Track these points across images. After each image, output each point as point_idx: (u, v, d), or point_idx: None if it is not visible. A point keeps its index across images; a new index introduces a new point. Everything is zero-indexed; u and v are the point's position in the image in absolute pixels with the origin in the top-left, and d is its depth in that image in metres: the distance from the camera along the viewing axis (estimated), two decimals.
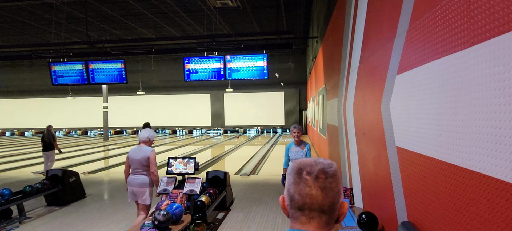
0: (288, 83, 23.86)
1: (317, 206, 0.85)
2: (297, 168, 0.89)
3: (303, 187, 0.86)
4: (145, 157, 4.21)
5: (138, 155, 4.24)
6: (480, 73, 1.41)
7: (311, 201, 0.85)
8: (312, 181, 0.85)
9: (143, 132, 4.42)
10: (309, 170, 0.87)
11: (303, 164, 0.89)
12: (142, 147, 4.29)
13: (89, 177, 9.04)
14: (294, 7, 13.85)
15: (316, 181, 0.85)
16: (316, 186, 0.85)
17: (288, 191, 0.89)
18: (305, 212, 0.86)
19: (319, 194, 0.85)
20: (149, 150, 4.26)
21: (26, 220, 5.35)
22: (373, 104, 3.24)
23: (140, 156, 4.23)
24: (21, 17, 14.31)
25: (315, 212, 0.85)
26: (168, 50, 15.53)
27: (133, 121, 26.87)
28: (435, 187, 1.87)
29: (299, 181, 0.87)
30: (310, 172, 0.86)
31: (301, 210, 0.86)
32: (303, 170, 0.87)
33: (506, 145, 1.26)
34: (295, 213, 0.87)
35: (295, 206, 0.87)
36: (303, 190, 0.85)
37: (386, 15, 2.81)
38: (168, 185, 4.37)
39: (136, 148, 4.35)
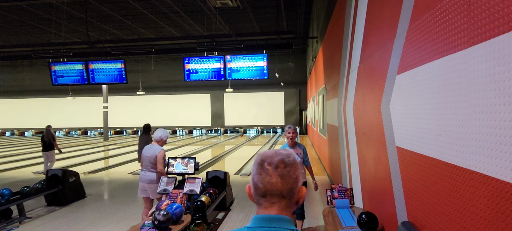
0: (288, 83, 23.86)
1: (277, 192, 0.96)
2: (260, 159, 1.00)
3: (265, 176, 0.96)
4: (154, 155, 4.44)
5: (149, 153, 4.49)
6: (480, 73, 1.41)
7: (272, 188, 0.96)
8: (272, 170, 0.96)
9: (157, 131, 4.63)
10: (269, 161, 0.98)
11: (264, 156, 1.00)
12: (154, 146, 4.54)
13: (89, 177, 9.03)
14: (294, 7, 13.85)
15: (276, 170, 0.97)
16: (276, 174, 0.96)
17: (252, 180, 1.00)
18: (267, 197, 0.97)
19: (278, 181, 0.96)
20: (158, 149, 4.48)
21: (26, 220, 5.35)
22: (373, 104, 3.24)
23: (150, 153, 4.47)
24: (21, 17, 14.30)
25: (276, 197, 0.96)
26: (168, 50, 15.52)
27: (133, 121, 26.87)
28: (435, 187, 1.87)
29: (261, 171, 0.98)
30: (271, 163, 0.97)
31: (263, 197, 0.97)
32: (264, 161, 0.98)
33: (506, 145, 1.26)
34: (259, 199, 0.98)
35: (258, 193, 0.98)
36: (264, 179, 0.96)
37: (386, 15, 2.81)
38: (168, 185, 4.37)
39: (149, 146, 4.61)
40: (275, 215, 0.96)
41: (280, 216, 0.96)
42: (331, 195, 3.86)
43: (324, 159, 9.51)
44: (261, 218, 0.97)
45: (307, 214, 5.30)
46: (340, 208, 3.71)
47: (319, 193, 6.69)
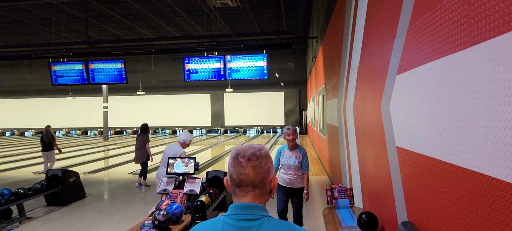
0: (288, 83, 23.86)
1: (250, 182, 1.05)
2: (235, 153, 1.10)
3: (239, 168, 1.06)
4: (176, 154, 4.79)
5: (170, 152, 4.82)
6: (480, 73, 1.41)
7: (245, 178, 1.05)
8: (245, 162, 1.06)
9: (181, 134, 5.01)
10: (243, 154, 1.07)
11: (239, 150, 1.10)
12: (177, 146, 4.91)
13: (89, 177, 9.04)
14: (294, 7, 13.85)
15: (249, 162, 1.06)
16: (249, 166, 1.06)
17: (228, 172, 1.10)
18: (241, 187, 1.06)
19: (251, 173, 1.05)
20: (180, 151, 4.85)
21: (26, 220, 5.35)
22: (373, 104, 3.24)
23: (171, 153, 4.80)
24: (21, 17, 14.31)
25: (249, 187, 1.06)
26: (168, 50, 15.52)
27: (133, 121, 26.87)
28: (435, 187, 1.87)
29: (236, 164, 1.07)
30: (244, 155, 1.07)
31: (238, 187, 1.07)
32: (238, 155, 1.08)
33: (506, 145, 1.26)
34: (235, 189, 1.08)
35: (234, 183, 1.08)
36: (238, 170, 1.06)
37: (386, 15, 2.81)
38: (168, 185, 4.37)
39: (172, 145, 4.98)
40: (249, 202, 1.05)
41: (254, 204, 1.05)
42: (331, 195, 3.86)
43: (324, 159, 9.51)
44: (237, 206, 1.06)
45: (307, 214, 5.30)
46: (340, 208, 3.71)
47: (319, 193, 6.68)
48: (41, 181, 6.19)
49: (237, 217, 1.03)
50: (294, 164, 3.98)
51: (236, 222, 1.02)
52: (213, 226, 1.05)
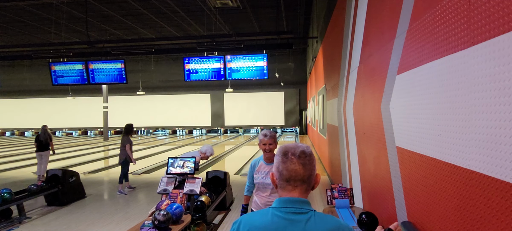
0: (288, 83, 23.86)
1: (299, 178, 1.15)
2: (284, 150, 1.19)
3: (289, 164, 1.15)
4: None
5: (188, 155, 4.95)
6: (480, 73, 1.41)
7: (295, 174, 1.15)
8: (296, 159, 1.16)
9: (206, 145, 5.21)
10: (293, 151, 1.17)
11: (288, 148, 1.19)
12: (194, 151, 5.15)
13: (89, 177, 9.03)
14: (294, 7, 13.85)
15: (299, 159, 1.16)
16: (299, 162, 1.15)
17: (277, 168, 1.19)
18: (290, 182, 1.15)
19: (300, 168, 1.15)
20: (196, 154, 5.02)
21: (26, 220, 5.35)
22: (373, 104, 3.24)
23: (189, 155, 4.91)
24: (21, 17, 14.31)
25: (298, 182, 1.15)
26: (168, 50, 15.52)
27: (133, 121, 26.71)
28: (435, 187, 1.87)
29: (286, 160, 1.16)
30: (294, 153, 1.17)
31: (288, 182, 1.16)
32: (288, 152, 1.18)
33: (506, 145, 1.26)
34: (283, 184, 1.17)
35: (283, 178, 1.16)
36: (289, 166, 1.15)
37: (386, 15, 2.81)
38: (168, 185, 4.37)
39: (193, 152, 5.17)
40: (297, 197, 1.15)
41: (302, 199, 1.15)
42: (331, 195, 3.86)
43: (324, 159, 9.51)
44: (286, 200, 1.14)
45: None
46: (340, 208, 3.71)
47: (319, 193, 6.68)
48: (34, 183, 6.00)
49: (287, 210, 1.11)
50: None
51: (285, 215, 1.11)
52: (262, 218, 1.14)
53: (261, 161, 2.90)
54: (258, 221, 1.13)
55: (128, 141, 7.22)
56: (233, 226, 1.19)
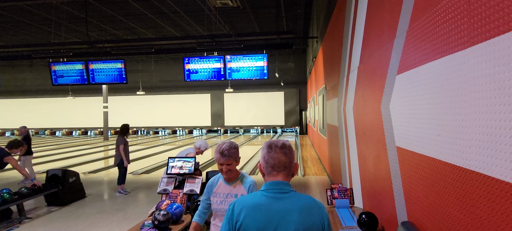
0: (288, 83, 23.86)
1: (282, 164, 1.44)
2: (268, 144, 1.49)
3: (274, 154, 1.45)
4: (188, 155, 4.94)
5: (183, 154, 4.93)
6: (480, 73, 1.41)
7: (279, 162, 1.44)
8: (279, 149, 1.46)
9: (200, 140, 5.10)
10: (275, 144, 1.48)
11: (271, 142, 1.50)
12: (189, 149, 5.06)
13: (89, 177, 9.03)
14: (294, 7, 13.85)
15: (281, 150, 1.46)
16: (281, 152, 1.45)
17: (264, 158, 1.47)
18: (275, 168, 1.44)
19: (283, 157, 1.45)
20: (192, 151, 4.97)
21: (26, 220, 5.35)
22: (373, 104, 3.24)
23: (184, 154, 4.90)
24: (21, 17, 14.30)
25: (281, 168, 1.44)
26: (168, 50, 15.52)
27: (133, 121, 26.84)
28: (435, 187, 1.87)
29: (271, 151, 1.46)
30: (277, 145, 1.47)
31: (273, 168, 1.44)
32: (272, 144, 1.48)
33: (506, 145, 1.26)
34: (270, 170, 1.45)
35: (269, 165, 1.45)
36: (274, 155, 1.45)
37: (386, 15, 2.81)
38: (168, 185, 4.37)
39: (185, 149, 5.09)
40: (281, 180, 1.43)
41: (284, 182, 1.44)
42: (331, 195, 3.87)
43: (324, 159, 9.51)
44: (272, 183, 1.43)
45: None
46: (340, 208, 3.71)
47: (319, 193, 6.68)
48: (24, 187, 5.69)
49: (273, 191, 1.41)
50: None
51: (272, 194, 1.40)
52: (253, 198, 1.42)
53: (221, 180, 2.32)
54: (250, 201, 1.42)
55: (122, 141, 7.04)
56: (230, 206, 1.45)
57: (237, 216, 1.40)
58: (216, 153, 2.19)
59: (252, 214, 1.37)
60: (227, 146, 2.17)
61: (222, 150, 2.16)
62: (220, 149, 2.18)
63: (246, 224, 1.37)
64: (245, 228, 1.37)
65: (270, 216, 1.36)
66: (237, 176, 2.30)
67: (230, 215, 1.42)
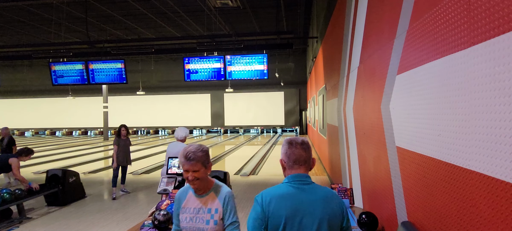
0: (288, 83, 23.86)
1: (303, 159, 1.60)
2: (289, 141, 1.64)
3: (295, 150, 1.60)
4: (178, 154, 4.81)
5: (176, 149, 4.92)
6: (480, 73, 1.41)
7: (300, 156, 1.60)
8: (299, 146, 1.62)
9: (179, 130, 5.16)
10: (296, 141, 1.64)
11: (291, 139, 1.65)
12: (179, 143, 5.02)
13: (89, 177, 9.03)
14: (294, 7, 13.85)
15: (301, 146, 1.62)
16: (302, 148, 1.61)
17: (285, 154, 1.62)
18: (297, 162, 1.60)
19: (303, 152, 1.60)
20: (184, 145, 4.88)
21: (26, 220, 5.35)
22: (373, 104, 3.24)
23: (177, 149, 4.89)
24: (21, 17, 14.30)
25: (302, 162, 1.60)
26: (168, 50, 15.53)
27: (133, 121, 26.87)
28: (435, 187, 1.87)
29: (292, 147, 1.61)
30: (297, 142, 1.63)
31: (295, 162, 1.60)
32: (293, 141, 1.63)
33: (506, 145, 1.26)
34: (291, 164, 1.60)
35: (291, 160, 1.60)
36: (295, 151, 1.60)
37: (386, 15, 2.81)
38: (168, 185, 4.37)
39: (174, 143, 5.05)
40: (302, 173, 1.60)
41: (306, 174, 1.61)
42: None
43: (324, 159, 9.51)
44: (295, 175, 1.59)
45: None
46: None
47: None
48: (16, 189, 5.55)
49: (297, 183, 1.57)
50: (207, 227, 1.87)
51: (297, 185, 1.56)
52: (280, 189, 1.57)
53: (190, 192, 1.95)
54: (277, 192, 1.56)
55: (115, 142, 6.89)
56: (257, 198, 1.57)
57: (267, 205, 1.52)
58: (180, 157, 1.86)
59: (281, 203, 1.52)
60: (194, 148, 1.86)
61: (187, 153, 1.83)
62: (184, 151, 1.85)
63: (276, 212, 1.50)
64: (275, 215, 1.50)
65: (297, 204, 1.52)
66: (210, 187, 1.95)
67: (261, 205, 1.53)
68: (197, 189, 1.91)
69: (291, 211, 1.50)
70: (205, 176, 1.91)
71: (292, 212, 1.50)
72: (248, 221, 1.56)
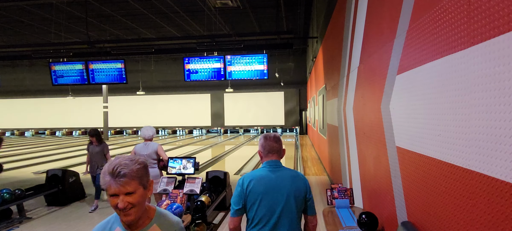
0: (288, 83, 23.85)
1: (275, 149, 2.09)
2: (264, 136, 2.13)
3: (269, 142, 2.09)
4: (153, 151, 4.77)
5: (147, 150, 4.77)
6: (480, 73, 1.41)
7: (273, 148, 2.08)
8: (272, 139, 2.11)
9: (147, 130, 4.89)
10: (269, 136, 2.12)
11: (266, 134, 2.15)
12: (149, 143, 4.85)
13: (89, 177, 9.01)
14: (294, 7, 13.85)
15: (274, 139, 2.11)
16: (274, 141, 2.10)
17: (262, 145, 2.10)
18: (270, 152, 2.08)
19: (275, 144, 2.09)
20: (156, 145, 4.84)
21: (26, 220, 5.35)
22: (373, 104, 3.24)
23: (149, 150, 4.76)
24: (21, 17, 14.30)
25: (274, 151, 2.09)
26: (168, 50, 15.49)
27: (133, 121, 26.87)
28: (435, 187, 1.87)
29: (267, 140, 2.10)
30: (270, 137, 2.12)
31: (269, 152, 2.08)
32: (267, 136, 2.12)
33: (506, 145, 1.26)
34: (266, 153, 2.09)
35: (266, 150, 2.09)
36: (269, 143, 2.09)
37: (386, 15, 2.81)
38: (168, 185, 4.37)
39: (142, 145, 4.86)
40: (275, 159, 2.10)
41: (277, 160, 2.11)
42: (331, 195, 3.87)
43: (324, 159, 9.51)
44: (269, 161, 2.08)
45: None
46: (340, 208, 3.71)
47: (319, 193, 6.68)
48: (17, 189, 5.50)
49: (271, 167, 2.07)
50: None
51: (271, 168, 2.06)
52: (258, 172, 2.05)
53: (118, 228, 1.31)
54: (256, 174, 2.04)
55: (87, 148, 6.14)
56: (239, 181, 2.04)
57: (247, 185, 2.00)
58: (104, 174, 1.22)
59: (259, 182, 2.00)
60: (125, 160, 1.25)
61: (114, 167, 1.21)
62: (111, 166, 1.22)
63: (254, 188, 1.99)
64: (253, 192, 1.98)
65: (271, 183, 2.00)
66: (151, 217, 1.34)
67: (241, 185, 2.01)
68: (131, 223, 1.25)
69: (265, 188, 1.98)
70: (143, 201, 1.27)
71: (266, 189, 1.98)
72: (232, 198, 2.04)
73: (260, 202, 1.95)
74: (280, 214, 1.94)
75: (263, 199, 1.95)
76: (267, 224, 1.94)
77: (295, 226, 1.98)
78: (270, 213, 1.94)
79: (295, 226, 1.98)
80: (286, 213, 1.95)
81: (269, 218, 1.94)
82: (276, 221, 1.94)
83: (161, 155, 4.82)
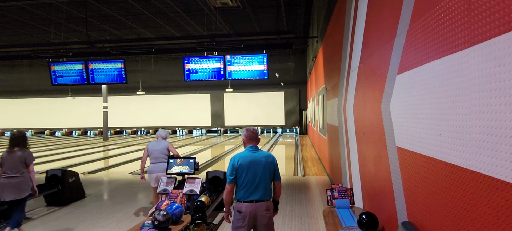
0: (288, 83, 23.85)
1: (254, 137, 3.11)
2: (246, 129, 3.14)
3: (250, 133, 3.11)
4: (165, 147, 5.26)
5: (159, 146, 5.24)
6: (480, 73, 1.41)
7: (253, 136, 3.11)
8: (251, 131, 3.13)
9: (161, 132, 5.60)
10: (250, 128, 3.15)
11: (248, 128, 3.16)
12: (161, 141, 5.36)
13: (89, 177, 9.03)
14: (294, 7, 13.85)
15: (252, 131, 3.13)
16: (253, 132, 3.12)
17: (245, 135, 3.11)
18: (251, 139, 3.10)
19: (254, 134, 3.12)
20: (167, 142, 5.38)
21: (25, 220, 5.34)
22: (373, 104, 3.24)
23: (161, 146, 5.23)
24: (21, 17, 14.30)
25: (254, 139, 3.11)
26: (168, 50, 15.53)
27: (133, 121, 26.87)
28: (435, 187, 1.87)
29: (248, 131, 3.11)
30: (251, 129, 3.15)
31: (250, 139, 3.09)
32: (248, 129, 3.13)
33: (506, 145, 1.26)
34: (248, 140, 3.10)
35: (248, 138, 3.10)
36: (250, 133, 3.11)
37: (386, 15, 2.81)
38: (168, 185, 4.37)
39: (155, 142, 5.34)
40: (254, 144, 3.09)
41: (256, 145, 3.10)
42: (331, 195, 3.86)
43: (324, 159, 9.51)
44: (250, 146, 3.07)
45: (307, 214, 5.30)
46: (340, 208, 3.71)
47: (319, 193, 6.68)
48: None
49: (252, 149, 3.04)
50: None
51: (252, 150, 3.03)
52: (244, 153, 3.01)
53: None
54: (242, 155, 2.98)
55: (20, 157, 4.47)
56: (231, 160, 2.99)
57: (237, 162, 2.94)
58: None
59: (244, 159, 2.95)
60: None
61: None
62: None
63: (242, 164, 2.93)
64: (241, 166, 2.93)
65: (252, 160, 2.95)
66: None
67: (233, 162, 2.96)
68: None
69: (249, 163, 2.94)
70: None
71: (249, 164, 2.93)
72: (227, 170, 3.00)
73: (246, 172, 2.92)
74: (259, 180, 2.93)
75: (248, 171, 2.92)
76: (251, 186, 2.93)
77: (268, 188, 3.00)
78: (252, 180, 2.92)
79: (268, 188, 3.00)
80: (263, 179, 2.94)
81: (252, 183, 2.92)
82: (256, 185, 2.93)
83: (172, 151, 5.37)
